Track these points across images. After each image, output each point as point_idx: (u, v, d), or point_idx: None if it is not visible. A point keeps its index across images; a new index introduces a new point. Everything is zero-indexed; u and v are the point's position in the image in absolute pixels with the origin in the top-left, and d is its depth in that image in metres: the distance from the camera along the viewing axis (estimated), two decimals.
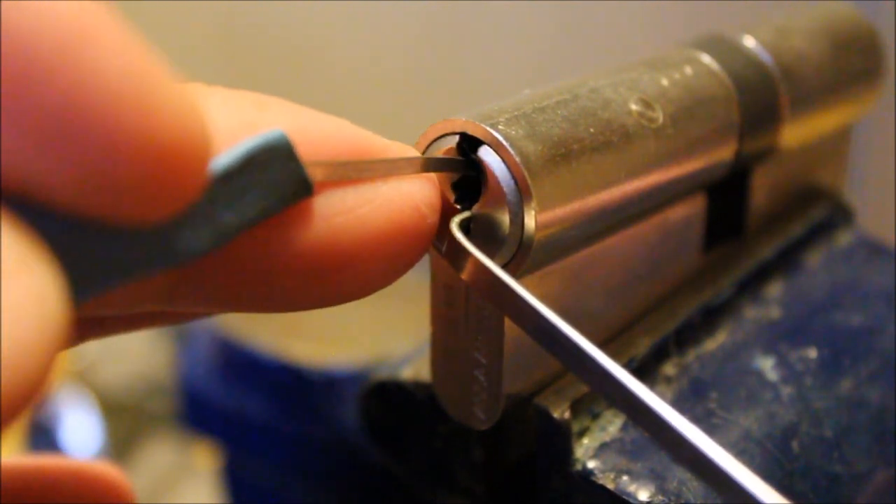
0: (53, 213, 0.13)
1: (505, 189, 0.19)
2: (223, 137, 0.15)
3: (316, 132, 0.17)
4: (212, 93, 0.16)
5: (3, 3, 0.11)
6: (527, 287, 0.18)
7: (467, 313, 0.20)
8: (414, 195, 0.18)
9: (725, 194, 0.26)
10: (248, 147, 0.16)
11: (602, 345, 0.17)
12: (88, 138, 0.12)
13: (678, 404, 0.21)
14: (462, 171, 0.19)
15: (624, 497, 0.20)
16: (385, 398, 0.24)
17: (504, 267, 0.19)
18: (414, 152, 0.19)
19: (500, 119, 0.19)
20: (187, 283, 0.17)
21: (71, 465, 0.19)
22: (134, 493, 0.20)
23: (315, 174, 0.17)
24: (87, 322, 0.18)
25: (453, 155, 0.19)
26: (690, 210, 0.24)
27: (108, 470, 0.19)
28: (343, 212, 0.17)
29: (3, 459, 0.19)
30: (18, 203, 0.13)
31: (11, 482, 0.19)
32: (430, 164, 0.19)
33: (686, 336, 0.24)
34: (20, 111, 0.12)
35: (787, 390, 0.23)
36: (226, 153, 0.16)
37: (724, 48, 0.25)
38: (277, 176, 0.16)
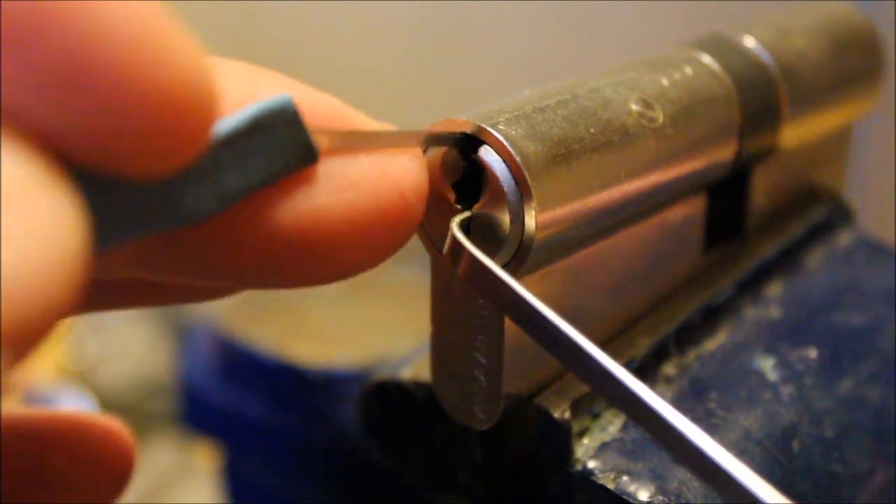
0: (64, 163, 0.13)
1: (505, 189, 0.19)
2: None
3: (307, 106, 0.17)
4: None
5: None
6: (527, 287, 0.18)
7: (467, 313, 0.20)
8: (400, 181, 0.17)
9: (725, 194, 0.26)
10: (254, 110, 0.16)
11: (602, 345, 0.17)
12: (98, 84, 0.12)
13: (678, 404, 0.21)
14: (456, 144, 0.19)
15: (624, 497, 0.20)
16: (385, 398, 0.24)
17: (504, 267, 0.19)
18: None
19: (501, 119, 0.19)
20: (166, 247, 0.16)
21: (70, 415, 0.19)
22: (133, 442, 0.20)
23: (320, 142, 0.17)
24: None
25: (454, 155, 0.19)
26: (690, 210, 0.24)
27: (108, 420, 0.19)
28: (328, 193, 0.17)
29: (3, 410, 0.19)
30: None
31: (10, 430, 0.19)
32: (430, 139, 0.19)
33: (686, 336, 0.24)
34: (30, 55, 0.12)
35: (787, 390, 0.23)
36: (231, 116, 0.15)
37: (724, 48, 0.25)
38: (282, 141, 0.16)
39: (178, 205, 0.15)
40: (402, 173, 0.17)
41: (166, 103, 0.13)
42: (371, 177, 0.17)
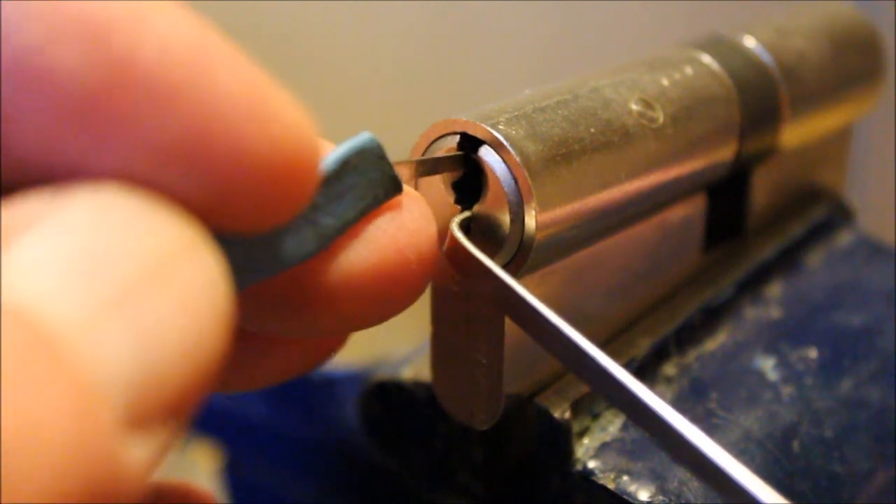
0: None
1: (505, 189, 0.19)
2: None
3: None
4: None
5: (128, 35, 0.12)
6: (527, 287, 0.18)
7: (467, 313, 0.20)
8: (398, 239, 0.17)
9: (725, 194, 0.26)
10: (344, 152, 0.17)
11: (602, 345, 0.17)
12: (214, 156, 0.13)
13: (678, 404, 0.21)
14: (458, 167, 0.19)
15: (624, 497, 0.20)
16: (385, 398, 0.24)
17: (504, 267, 0.19)
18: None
19: (501, 119, 0.19)
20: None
21: (178, 486, 0.19)
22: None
23: (402, 174, 0.18)
24: None
25: (448, 169, 0.19)
26: (690, 210, 0.24)
27: (206, 493, 0.19)
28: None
29: None
30: None
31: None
32: (430, 164, 0.19)
33: (686, 336, 0.24)
34: (147, 131, 0.12)
35: (787, 390, 0.23)
36: (323, 160, 0.16)
37: (724, 48, 0.25)
38: (370, 177, 0.17)
39: (282, 250, 0.16)
40: (402, 229, 0.17)
41: (281, 166, 0.13)
42: (371, 231, 0.17)
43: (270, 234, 0.15)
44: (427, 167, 0.19)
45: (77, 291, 0.11)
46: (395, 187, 0.17)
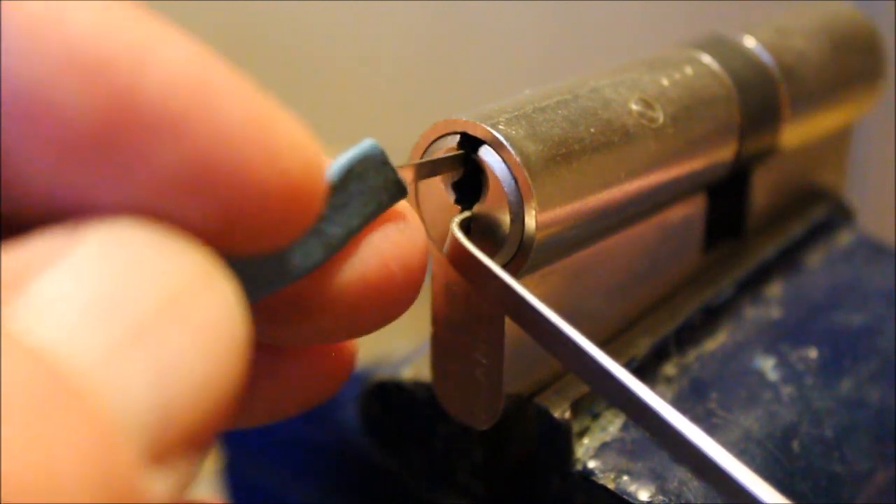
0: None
1: (505, 189, 0.19)
2: None
3: None
4: None
5: (130, 69, 0.12)
6: (527, 287, 0.18)
7: (467, 313, 0.20)
8: (383, 251, 0.17)
9: (725, 194, 0.26)
10: (347, 161, 0.17)
11: (602, 345, 0.17)
12: (222, 186, 0.13)
13: (678, 404, 0.21)
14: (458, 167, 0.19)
15: (624, 497, 0.20)
16: (385, 398, 0.24)
17: (504, 267, 0.19)
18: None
19: (501, 119, 0.19)
20: None
21: None
22: None
23: (406, 177, 0.18)
24: None
25: (448, 170, 0.19)
26: (690, 210, 0.24)
27: None
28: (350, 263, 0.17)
29: None
30: None
31: None
32: (431, 165, 0.19)
33: (686, 336, 0.24)
34: (155, 164, 0.12)
35: (787, 390, 0.23)
36: (327, 170, 0.16)
37: (724, 48, 0.25)
38: (374, 183, 0.17)
39: (290, 263, 0.16)
40: (386, 240, 0.17)
41: (288, 191, 0.13)
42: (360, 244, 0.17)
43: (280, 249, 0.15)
44: (427, 169, 0.19)
45: (95, 330, 0.11)
46: (399, 192, 0.17)
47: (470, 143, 0.19)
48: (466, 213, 0.19)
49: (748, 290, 0.26)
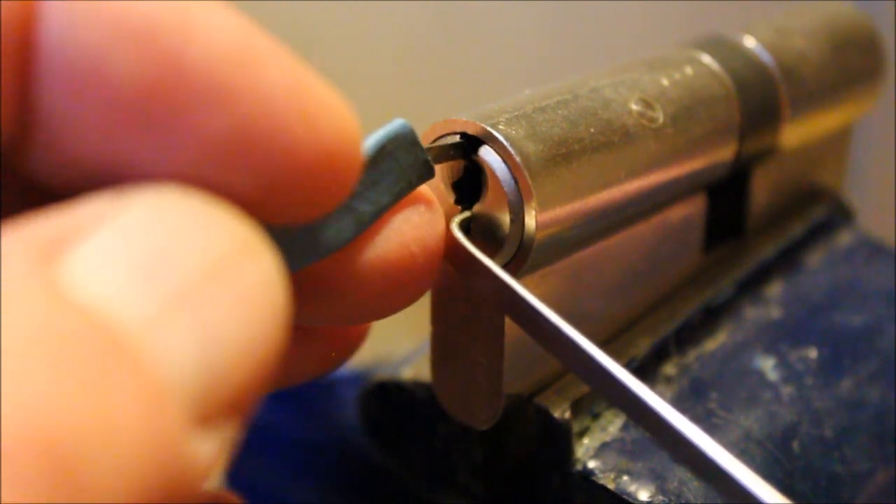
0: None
1: (505, 189, 0.19)
2: None
3: None
4: None
5: (177, 35, 0.13)
6: (527, 287, 0.18)
7: (467, 313, 0.20)
8: (404, 233, 0.17)
9: (725, 194, 0.26)
10: (379, 139, 0.17)
11: (602, 345, 0.17)
12: (264, 152, 0.13)
13: (678, 404, 0.21)
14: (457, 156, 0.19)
15: (624, 497, 0.20)
16: (385, 398, 0.24)
17: (504, 267, 0.19)
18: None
19: (501, 119, 0.19)
20: None
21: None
22: None
23: (432, 157, 0.18)
24: None
25: (453, 157, 0.19)
26: (690, 210, 0.24)
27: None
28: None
29: None
30: None
31: None
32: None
33: (686, 336, 0.24)
34: (199, 129, 0.13)
35: (787, 390, 0.23)
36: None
37: (724, 48, 0.25)
38: (404, 162, 0.17)
39: (322, 238, 0.16)
40: (407, 223, 0.18)
41: (327, 160, 0.14)
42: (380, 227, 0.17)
43: (311, 222, 0.15)
44: (432, 155, 0.19)
45: (143, 291, 0.11)
46: (427, 172, 0.18)
47: (470, 143, 0.19)
48: (466, 213, 0.19)
49: (748, 290, 0.26)
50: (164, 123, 0.13)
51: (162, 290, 0.11)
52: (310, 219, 0.14)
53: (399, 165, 0.17)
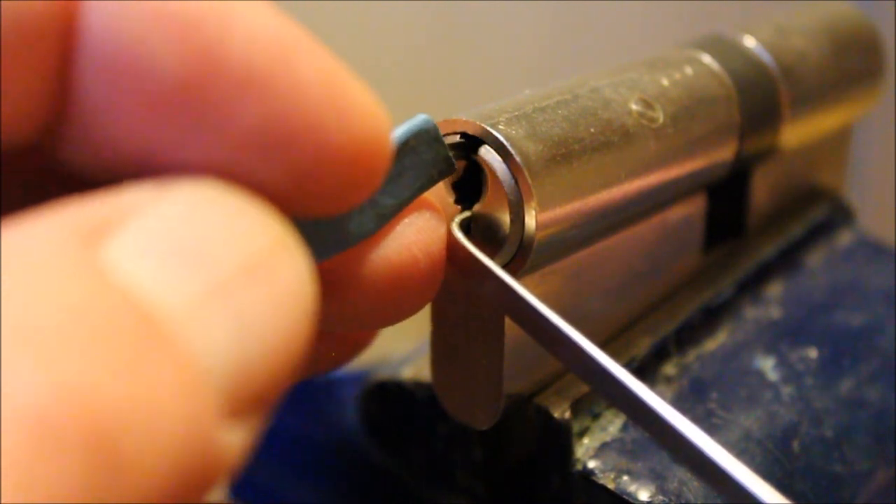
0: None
1: (505, 189, 0.19)
2: None
3: None
4: None
5: (217, 27, 0.13)
6: (527, 287, 0.18)
7: (467, 313, 0.20)
8: (407, 237, 0.18)
9: (726, 194, 0.26)
10: (403, 133, 0.17)
11: (602, 345, 0.17)
12: (296, 145, 0.13)
13: (678, 404, 0.21)
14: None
15: (624, 497, 0.20)
16: (385, 398, 0.24)
17: (504, 267, 0.19)
18: None
19: (501, 119, 0.19)
20: None
21: None
22: None
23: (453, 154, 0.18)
24: None
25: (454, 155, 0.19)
26: (690, 210, 0.24)
27: None
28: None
29: None
30: None
31: None
32: None
33: (686, 336, 0.24)
34: (235, 121, 0.13)
35: (787, 390, 0.23)
36: None
37: (724, 48, 0.25)
38: (427, 158, 0.18)
39: (346, 230, 0.16)
40: (411, 228, 0.18)
41: (358, 154, 0.14)
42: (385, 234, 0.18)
43: (339, 215, 0.16)
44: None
45: (184, 279, 0.11)
46: (448, 168, 0.18)
47: (470, 143, 0.19)
48: (466, 213, 0.19)
49: (748, 290, 0.26)
50: (200, 114, 0.13)
51: (201, 280, 0.12)
52: (338, 211, 0.15)
53: (421, 161, 0.17)
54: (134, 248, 0.11)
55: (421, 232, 0.18)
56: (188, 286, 0.11)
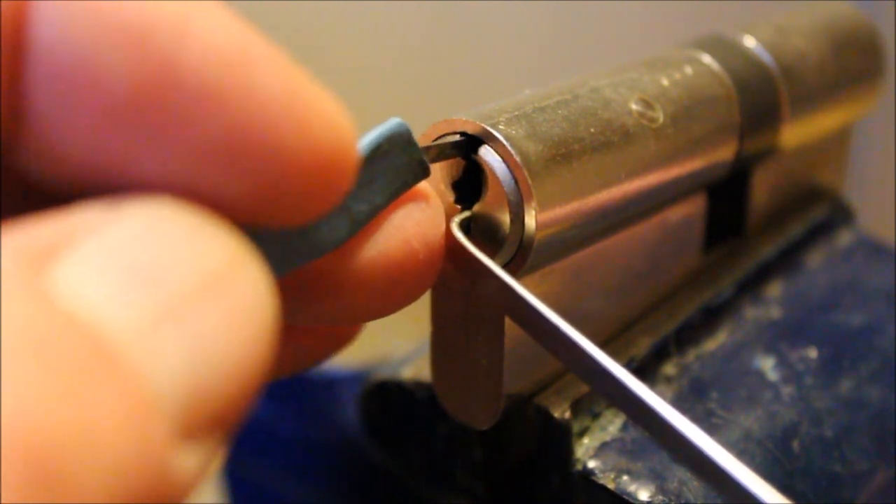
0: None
1: (505, 189, 0.19)
2: None
3: None
4: None
5: (171, 37, 0.12)
6: (527, 287, 0.18)
7: (467, 313, 0.20)
8: (405, 229, 0.17)
9: (725, 194, 0.26)
10: (375, 138, 0.17)
11: (602, 345, 0.17)
12: (257, 157, 0.13)
13: (678, 404, 0.21)
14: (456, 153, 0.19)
15: (624, 497, 0.20)
16: (385, 398, 0.24)
17: (504, 267, 0.19)
18: None
19: (501, 119, 0.19)
20: None
21: None
22: None
23: (428, 157, 0.18)
24: None
25: (454, 155, 0.19)
26: (690, 210, 0.24)
27: None
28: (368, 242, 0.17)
29: None
30: None
31: None
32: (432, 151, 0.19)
33: (686, 336, 0.24)
34: (191, 134, 0.12)
35: (787, 390, 0.23)
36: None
37: (724, 48, 0.25)
38: (399, 162, 0.17)
39: (317, 238, 0.16)
40: (408, 220, 0.18)
41: (321, 164, 0.13)
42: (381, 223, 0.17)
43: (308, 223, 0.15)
44: (433, 154, 0.19)
45: (134, 301, 0.11)
46: (423, 171, 0.18)
47: (470, 143, 0.19)
48: (466, 213, 0.19)
49: (748, 290, 0.26)
50: (156, 128, 0.12)
51: (151, 302, 0.11)
52: (304, 221, 0.14)
53: (394, 165, 0.17)
54: (84, 270, 0.11)
55: (419, 224, 0.18)
56: (138, 308, 0.11)
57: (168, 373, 0.11)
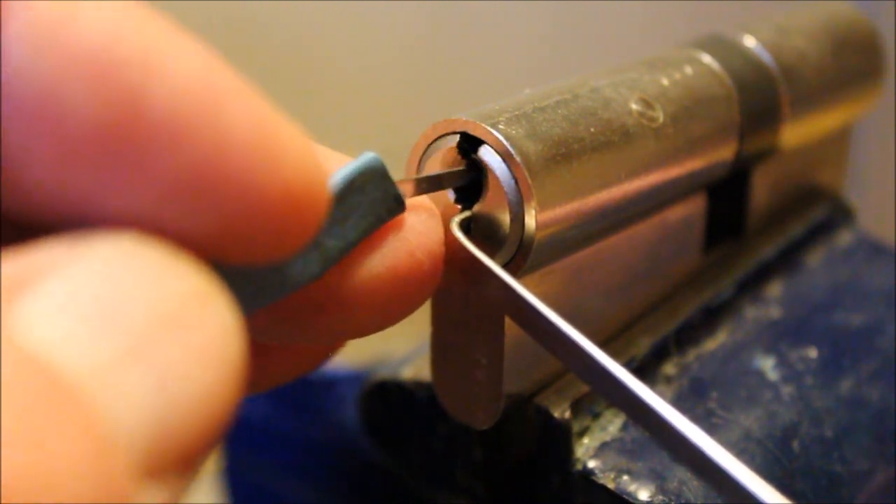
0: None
1: (505, 189, 0.19)
2: None
3: None
4: None
5: (137, 72, 0.12)
6: (527, 287, 0.18)
7: (467, 313, 0.20)
8: (409, 241, 0.17)
9: (725, 194, 0.26)
10: (348, 174, 0.17)
11: (602, 344, 0.17)
12: (225, 194, 0.13)
13: (678, 404, 0.21)
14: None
15: (624, 497, 0.20)
16: (385, 398, 0.24)
17: (504, 267, 0.19)
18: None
19: (501, 119, 0.19)
20: None
21: None
22: None
23: (405, 191, 0.17)
24: None
25: (454, 155, 0.19)
26: (690, 210, 0.24)
27: None
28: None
29: None
30: None
31: None
32: (433, 180, 0.19)
33: (686, 336, 0.24)
34: (158, 169, 0.12)
35: (787, 390, 0.23)
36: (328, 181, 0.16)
37: (724, 48, 0.25)
38: (374, 197, 0.17)
39: (288, 275, 0.16)
40: (412, 231, 0.18)
41: (291, 203, 0.13)
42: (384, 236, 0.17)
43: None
44: (428, 184, 0.19)
45: (94, 340, 0.11)
46: (398, 206, 0.17)
47: (470, 143, 0.19)
48: (466, 213, 0.19)
49: (748, 290, 0.26)
50: (122, 162, 0.12)
51: (113, 340, 0.11)
52: (275, 259, 0.14)
53: (369, 200, 0.17)
54: (45, 309, 0.11)
55: (421, 235, 0.18)
56: (99, 347, 0.11)
57: (130, 411, 0.11)
